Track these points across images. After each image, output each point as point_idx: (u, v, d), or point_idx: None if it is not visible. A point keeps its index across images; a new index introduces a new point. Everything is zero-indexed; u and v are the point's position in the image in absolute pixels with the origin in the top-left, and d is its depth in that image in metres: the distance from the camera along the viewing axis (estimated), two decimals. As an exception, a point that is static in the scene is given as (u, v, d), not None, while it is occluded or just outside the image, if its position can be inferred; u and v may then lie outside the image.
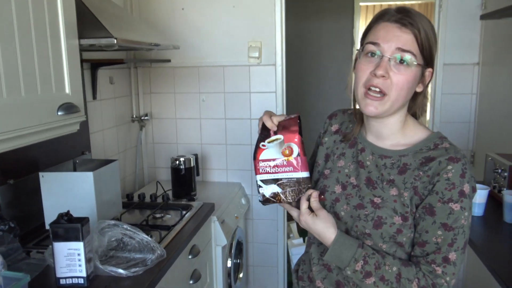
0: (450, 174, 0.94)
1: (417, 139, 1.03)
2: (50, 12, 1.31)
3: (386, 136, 1.06)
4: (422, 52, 0.96)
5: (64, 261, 1.35)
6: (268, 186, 1.03)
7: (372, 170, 1.05)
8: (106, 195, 1.75)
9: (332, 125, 1.20)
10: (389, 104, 0.97)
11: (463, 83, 2.53)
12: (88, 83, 2.18)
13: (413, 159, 1.00)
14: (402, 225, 0.98)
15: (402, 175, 1.00)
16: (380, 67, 0.94)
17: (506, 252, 1.44)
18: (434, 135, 1.03)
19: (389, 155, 1.04)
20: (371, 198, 1.02)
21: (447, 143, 1.00)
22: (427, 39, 0.96)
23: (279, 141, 1.03)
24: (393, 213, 0.98)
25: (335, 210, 1.07)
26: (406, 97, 1.00)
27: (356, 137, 1.11)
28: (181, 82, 2.70)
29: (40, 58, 1.27)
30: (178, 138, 2.78)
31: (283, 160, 1.03)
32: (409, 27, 0.94)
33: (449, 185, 0.94)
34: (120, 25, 1.78)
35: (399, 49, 0.94)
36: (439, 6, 2.49)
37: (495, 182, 1.82)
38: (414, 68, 0.96)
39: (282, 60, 2.57)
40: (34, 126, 1.26)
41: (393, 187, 1.00)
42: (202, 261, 2.04)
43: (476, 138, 2.56)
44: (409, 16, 0.95)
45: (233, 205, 2.46)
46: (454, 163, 0.95)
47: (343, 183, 1.08)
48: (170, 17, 2.62)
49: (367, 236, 1.00)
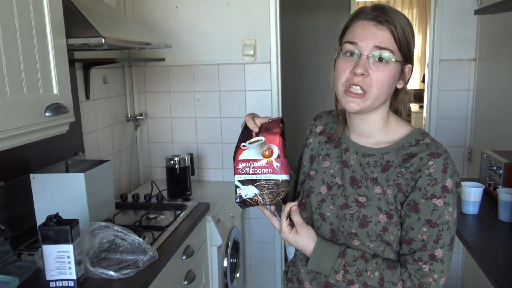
0: (432, 169, 0.94)
1: (399, 136, 1.03)
2: (35, 11, 1.30)
3: (369, 134, 1.05)
4: (400, 49, 0.96)
5: (54, 264, 1.33)
6: (246, 187, 1.01)
7: (356, 169, 1.04)
8: (99, 196, 1.74)
9: (316, 127, 1.20)
10: (371, 101, 0.97)
11: (459, 79, 2.51)
12: (81, 83, 2.16)
13: (395, 156, 1.00)
14: (387, 223, 0.97)
15: (385, 172, 1.00)
16: (359, 65, 0.94)
17: (501, 251, 1.42)
18: (415, 131, 1.03)
19: (372, 153, 1.04)
20: (355, 197, 1.01)
21: (428, 138, 1.00)
22: (404, 35, 0.96)
23: (260, 142, 1.01)
24: (378, 211, 0.98)
25: (321, 211, 1.06)
26: (387, 94, 0.99)
27: (340, 137, 1.11)
28: (176, 81, 2.68)
29: (26, 58, 1.26)
30: (173, 138, 2.76)
31: (262, 161, 1.00)
32: (385, 24, 0.94)
33: (431, 181, 0.93)
34: (109, 24, 1.76)
35: (377, 47, 0.94)
36: (435, 1, 2.46)
37: (491, 180, 1.80)
38: (393, 65, 0.96)
39: (277, 57, 2.55)
40: (21, 127, 1.24)
41: (376, 185, 1.00)
42: (197, 262, 2.03)
43: (473, 135, 2.54)
44: (385, 13, 0.95)
45: (229, 204, 2.45)
46: (435, 159, 0.94)
47: (328, 183, 1.08)
48: (164, 16, 2.60)
49: (353, 235, 1.00)
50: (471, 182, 1.69)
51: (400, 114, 1.07)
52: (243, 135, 1.04)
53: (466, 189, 1.65)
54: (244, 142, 1.02)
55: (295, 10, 4.50)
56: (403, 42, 0.96)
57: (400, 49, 0.96)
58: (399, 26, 0.95)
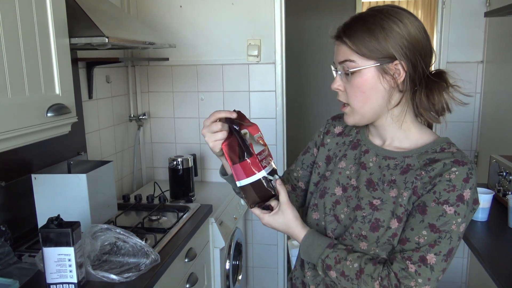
0: (453, 175, 0.90)
1: (423, 142, 1.00)
2: (38, 10, 1.27)
3: (389, 138, 1.04)
4: (361, 54, 0.93)
5: (54, 267, 1.31)
6: (274, 177, 1.00)
7: (374, 172, 1.02)
8: (101, 197, 1.72)
9: (335, 127, 1.18)
10: (357, 112, 0.99)
11: (466, 82, 2.47)
12: (84, 82, 2.14)
13: (417, 160, 0.97)
14: (397, 229, 0.95)
15: (404, 175, 0.97)
16: (333, 82, 1.00)
17: (510, 258, 1.39)
18: (441, 140, 0.99)
19: (393, 156, 1.01)
20: (369, 200, 0.99)
21: (454, 148, 0.97)
22: (361, 39, 0.93)
23: (248, 135, 0.99)
24: (391, 215, 0.95)
25: (335, 213, 1.04)
26: (369, 100, 0.96)
27: (359, 139, 1.10)
28: (180, 80, 2.66)
29: (28, 58, 1.23)
30: (176, 138, 2.74)
31: (266, 149, 1.01)
32: (340, 39, 0.97)
33: (449, 187, 0.89)
34: (113, 23, 1.74)
35: (340, 62, 0.97)
36: (442, 3, 2.43)
37: (500, 186, 1.76)
38: (361, 72, 0.94)
39: (282, 58, 2.52)
40: (22, 128, 1.22)
41: (393, 188, 0.97)
42: (199, 264, 2.00)
43: (480, 138, 2.51)
44: (344, 26, 0.97)
45: (232, 206, 2.42)
46: (459, 166, 0.90)
47: (343, 185, 1.06)
48: (168, 15, 2.57)
49: (362, 238, 0.97)
50: (481, 189, 1.66)
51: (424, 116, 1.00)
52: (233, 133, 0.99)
53: (475, 195, 1.62)
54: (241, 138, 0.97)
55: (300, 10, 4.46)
56: (361, 47, 0.93)
57: (361, 54, 0.93)
58: (355, 32, 0.94)
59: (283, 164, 2.66)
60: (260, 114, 2.57)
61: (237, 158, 0.96)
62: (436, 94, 0.96)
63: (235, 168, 0.96)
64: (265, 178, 0.97)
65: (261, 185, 0.97)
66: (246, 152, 0.95)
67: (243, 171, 0.96)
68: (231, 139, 0.97)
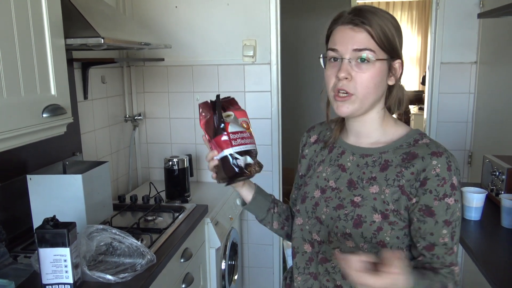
0: (438, 169, 0.94)
1: (397, 136, 1.04)
2: (33, 10, 1.27)
3: (367, 134, 1.06)
4: (381, 47, 0.96)
5: (50, 268, 1.31)
6: (243, 158, 1.02)
7: (353, 171, 1.04)
8: (96, 197, 1.72)
9: (310, 137, 1.21)
10: (359, 102, 0.98)
11: (460, 82, 2.50)
12: (79, 83, 2.14)
13: (394, 156, 1.00)
14: (381, 223, 0.97)
15: (384, 171, 1.00)
16: (341, 70, 0.96)
17: (503, 258, 1.41)
18: (413, 132, 1.04)
19: (370, 153, 1.04)
20: (351, 198, 1.01)
21: (426, 139, 1.01)
22: (383, 32, 0.96)
23: (232, 116, 1.04)
24: (373, 210, 0.98)
25: (317, 215, 1.06)
26: (375, 93, 0.99)
27: (334, 142, 1.12)
28: (175, 81, 2.66)
29: (23, 58, 1.23)
30: (172, 138, 2.74)
31: (247, 132, 1.04)
32: (361, 26, 0.95)
33: (440, 181, 0.94)
34: (108, 24, 1.74)
35: (356, 49, 0.95)
36: (436, 4, 2.45)
37: (493, 185, 1.78)
38: (376, 64, 0.96)
39: (277, 58, 2.53)
40: (18, 129, 1.22)
41: (373, 185, 0.99)
42: (195, 264, 2.01)
43: (473, 138, 2.53)
44: (361, 15, 0.96)
45: (228, 206, 2.43)
46: (438, 157, 0.95)
47: (322, 187, 1.08)
48: (164, 16, 2.57)
49: (348, 236, 0.99)
50: (474, 188, 1.68)
51: (392, 111, 1.07)
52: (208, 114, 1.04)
53: (468, 195, 1.64)
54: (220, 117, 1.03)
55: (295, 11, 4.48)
56: (383, 40, 0.96)
57: (382, 47, 0.96)
58: (377, 25, 0.95)
59: (279, 165, 2.67)
60: (256, 115, 2.58)
61: (212, 134, 1.03)
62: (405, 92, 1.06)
63: (211, 143, 1.04)
64: (231, 155, 1.01)
65: (228, 162, 1.01)
66: (219, 128, 1.02)
67: (216, 146, 1.03)
68: (209, 117, 1.04)
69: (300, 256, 1.11)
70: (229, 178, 1.04)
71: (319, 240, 1.06)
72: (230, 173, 1.02)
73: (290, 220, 1.23)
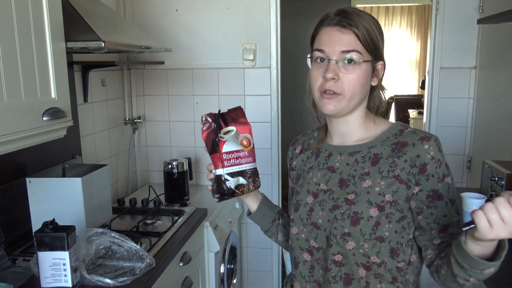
0: (432, 152, 0.97)
1: (382, 130, 1.06)
2: (35, 13, 1.28)
3: (351, 134, 1.07)
4: (367, 48, 0.98)
5: (49, 271, 1.31)
6: (235, 179, 1.03)
7: (343, 170, 1.05)
8: (96, 201, 1.71)
9: (296, 149, 1.22)
10: (346, 102, 1.00)
11: (460, 87, 2.51)
12: (79, 86, 2.14)
13: (382, 148, 1.02)
14: (379, 216, 0.97)
15: (375, 165, 1.01)
16: (329, 70, 0.97)
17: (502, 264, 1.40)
18: (396, 124, 1.07)
19: (357, 150, 1.05)
20: (345, 196, 1.02)
21: (410, 128, 1.04)
22: (369, 35, 0.98)
23: (233, 132, 1.04)
24: (368, 205, 0.98)
25: (312, 220, 1.05)
26: (361, 93, 1.01)
27: (319, 147, 1.12)
28: (175, 84, 2.66)
29: (24, 62, 1.23)
30: (171, 141, 2.74)
31: (245, 151, 1.04)
32: (348, 28, 0.97)
33: (436, 163, 0.97)
34: (109, 27, 1.75)
35: (344, 51, 0.97)
36: (436, 9, 2.46)
37: (492, 190, 1.78)
38: (362, 65, 0.98)
39: (277, 62, 2.53)
40: (18, 132, 1.22)
41: (365, 180, 1.00)
42: (194, 268, 2.00)
43: (473, 143, 2.53)
44: (348, 17, 0.98)
45: (227, 209, 2.43)
46: (428, 141, 0.98)
47: (313, 192, 1.08)
48: (164, 19, 2.58)
49: (347, 236, 0.99)
50: (473, 193, 1.67)
51: (372, 109, 1.08)
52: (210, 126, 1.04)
53: (467, 200, 1.63)
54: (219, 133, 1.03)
55: (295, 15, 4.49)
56: (369, 42, 0.98)
57: (367, 49, 0.98)
58: (363, 27, 0.97)
59: (278, 169, 2.67)
60: (255, 118, 2.58)
61: (210, 149, 1.04)
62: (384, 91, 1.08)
63: (211, 157, 1.05)
64: (221, 176, 1.03)
65: (220, 181, 1.03)
66: (215, 146, 1.03)
67: (213, 161, 1.04)
68: (210, 131, 1.04)
69: (302, 265, 1.10)
70: (220, 196, 1.05)
71: (317, 246, 1.05)
72: (221, 192, 1.04)
73: None
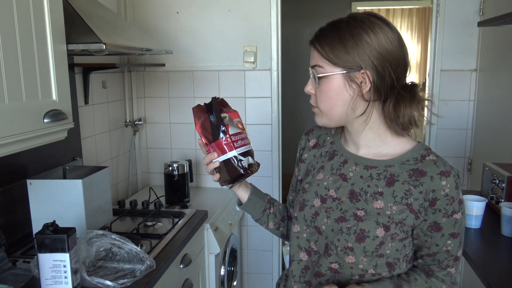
0: (447, 189, 0.95)
1: (402, 150, 1.01)
2: (36, 15, 1.28)
3: (364, 145, 1.04)
4: (332, 61, 0.96)
5: (50, 273, 1.31)
6: (246, 159, 1.05)
7: (355, 182, 1.02)
8: (96, 203, 1.71)
9: (309, 141, 1.19)
10: (325, 115, 1.01)
11: (460, 89, 2.51)
12: (80, 88, 2.14)
13: (400, 171, 0.98)
14: (384, 237, 0.97)
15: (390, 187, 0.98)
16: (306, 86, 1.03)
17: (503, 266, 1.41)
18: (419, 146, 1.02)
19: (374, 165, 1.02)
20: (354, 211, 1.00)
21: (433, 155, 0.99)
22: (330, 48, 0.95)
23: (227, 118, 1.05)
24: (376, 225, 0.97)
25: (316, 224, 1.04)
26: (337, 104, 0.98)
27: (335, 149, 1.10)
28: (176, 86, 2.66)
29: (25, 64, 1.24)
30: (172, 143, 2.74)
31: (244, 133, 1.07)
32: (312, 45, 1.01)
33: (449, 200, 0.95)
34: (110, 30, 1.75)
35: (311, 67, 1.01)
36: (437, 12, 2.46)
37: (493, 193, 1.78)
38: (330, 78, 0.97)
39: (278, 65, 2.54)
40: (19, 134, 1.22)
41: (377, 200, 0.98)
42: (194, 270, 2.00)
43: (473, 145, 2.53)
44: (318, 34, 1.00)
45: (227, 211, 2.43)
46: (447, 178, 0.95)
47: (322, 196, 1.06)
48: (165, 21, 2.59)
49: (349, 250, 0.98)
50: (474, 196, 1.68)
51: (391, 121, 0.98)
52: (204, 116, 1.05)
53: (468, 203, 1.64)
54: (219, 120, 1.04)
55: (296, 17, 4.50)
56: (331, 55, 0.95)
57: (332, 62, 0.95)
58: (325, 42, 0.96)
59: (279, 171, 2.67)
60: (256, 120, 2.58)
61: (211, 137, 1.03)
62: (402, 107, 0.95)
63: (212, 146, 1.04)
64: (235, 158, 1.03)
65: (232, 164, 1.03)
66: (220, 131, 1.02)
67: (217, 149, 1.03)
68: (203, 120, 1.04)
69: (295, 264, 1.10)
70: (233, 180, 1.05)
71: (316, 250, 1.05)
72: (235, 175, 1.04)
73: (286, 221, 1.26)
